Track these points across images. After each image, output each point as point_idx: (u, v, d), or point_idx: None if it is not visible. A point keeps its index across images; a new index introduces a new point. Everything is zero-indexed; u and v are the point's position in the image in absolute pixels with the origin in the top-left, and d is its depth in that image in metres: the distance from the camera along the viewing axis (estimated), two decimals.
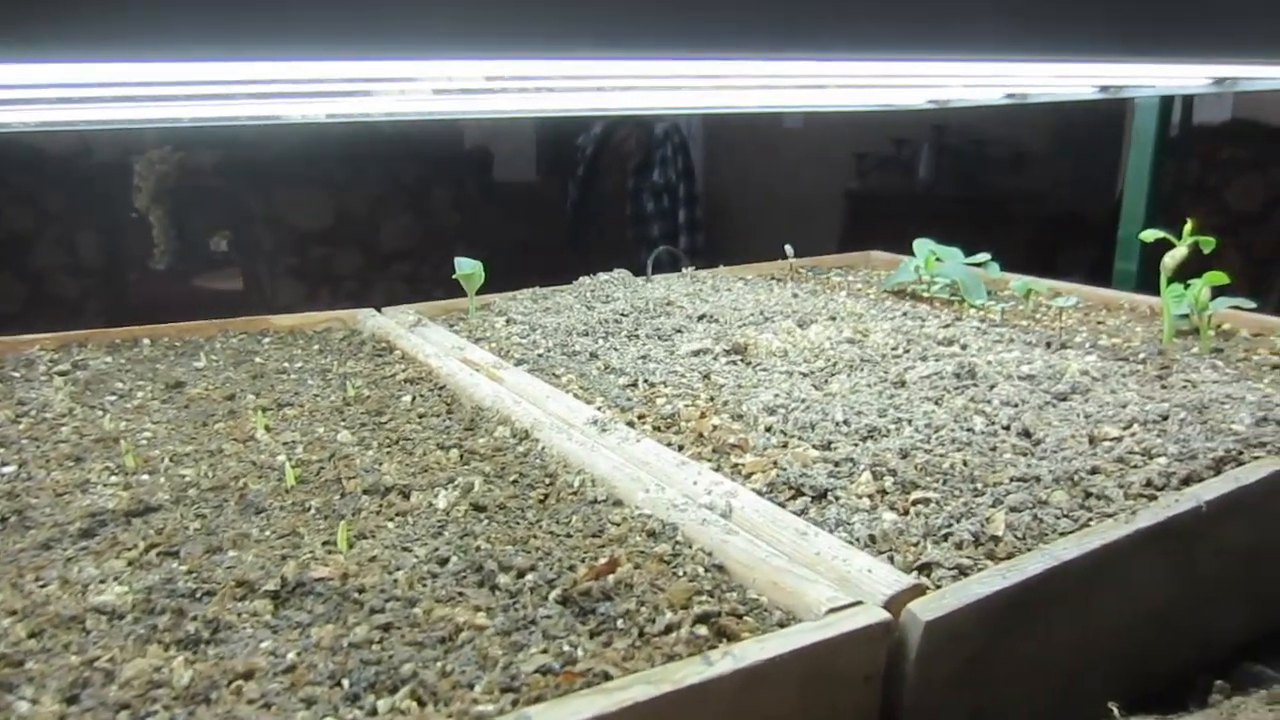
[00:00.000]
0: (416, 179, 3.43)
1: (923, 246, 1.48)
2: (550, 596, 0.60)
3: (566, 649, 0.54)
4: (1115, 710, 0.58)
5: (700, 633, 0.55)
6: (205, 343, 1.25)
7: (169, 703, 0.50)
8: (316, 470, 0.81)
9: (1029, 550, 0.65)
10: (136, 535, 0.68)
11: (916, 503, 0.73)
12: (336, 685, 0.51)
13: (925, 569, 0.64)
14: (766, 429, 0.88)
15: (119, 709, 0.49)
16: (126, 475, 0.80)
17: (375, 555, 0.65)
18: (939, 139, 3.96)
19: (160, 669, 0.52)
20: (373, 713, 0.49)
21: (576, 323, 1.27)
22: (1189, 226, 1.11)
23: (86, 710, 0.49)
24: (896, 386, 0.99)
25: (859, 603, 0.56)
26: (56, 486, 0.77)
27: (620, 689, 0.48)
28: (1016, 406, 0.91)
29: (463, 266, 1.34)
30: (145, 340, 1.24)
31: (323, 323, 1.34)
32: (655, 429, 0.90)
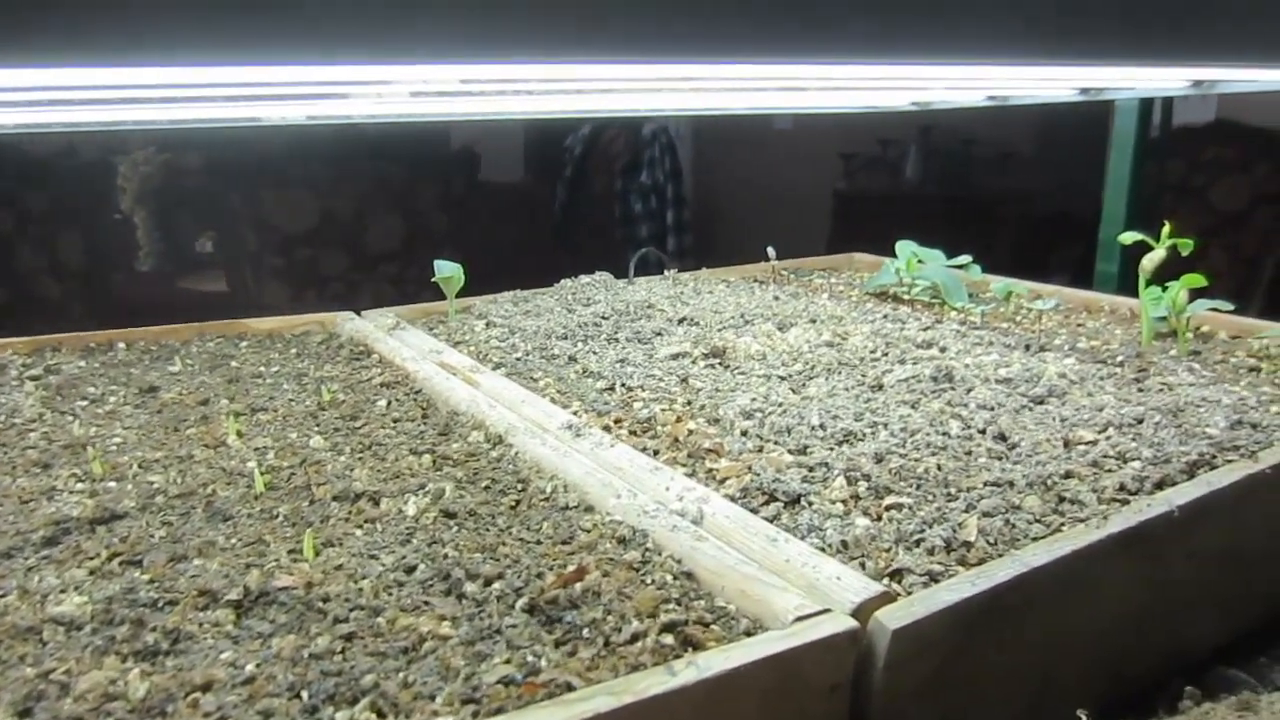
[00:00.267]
0: (403, 180, 3.42)
1: (905, 248, 1.48)
2: (517, 605, 0.59)
3: (530, 659, 0.53)
4: (1084, 717, 0.57)
5: (666, 642, 0.55)
6: (181, 346, 1.23)
7: (124, 716, 0.49)
8: (287, 477, 0.80)
9: (1001, 556, 0.64)
10: (100, 544, 0.67)
11: (890, 508, 0.72)
12: (295, 697, 0.50)
13: (896, 575, 0.63)
14: (742, 433, 0.87)
15: None
16: (93, 482, 0.79)
17: (341, 563, 0.64)
18: (927, 140, 3.97)
19: (116, 681, 0.51)
20: None
21: (556, 326, 1.26)
22: (1167, 229, 1.11)
23: None
24: (874, 390, 0.98)
25: (826, 611, 0.56)
26: (21, 494, 0.76)
27: (582, 700, 0.48)
28: (993, 410, 0.91)
29: (442, 269, 1.33)
30: (120, 344, 1.23)
31: (301, 326, 1.33)
32: (631, 434, 0.90)
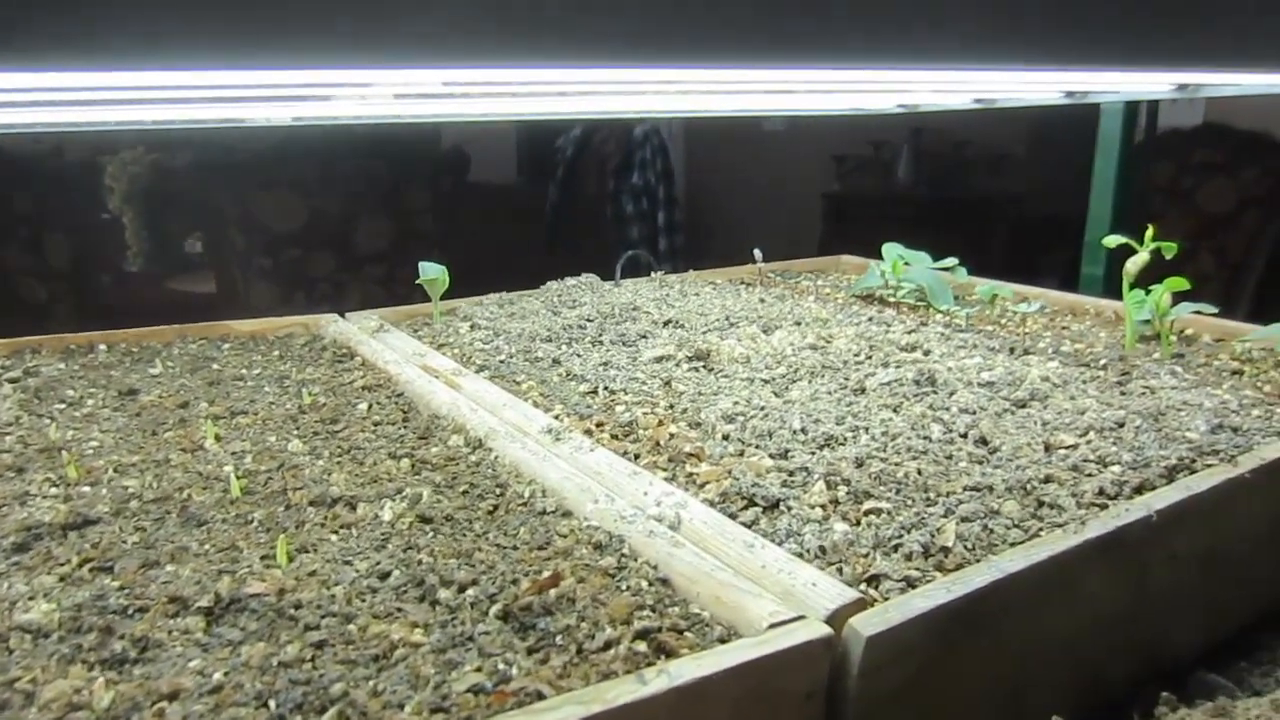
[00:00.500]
0: (392, 181, 3.41)
1: (891, 250, 1.48)
2: (490, 612, 0.59)
3: (501, 667, 0.53)
4: None
5: (639, 649, 0.55)
6: (163, 348, 1.23)
7: None
8: (264, 481, 0.80)
9: (978, 562, 0.64)
10: (71, 550, 0.67)
11: (869, 513, 0.72)
12: (263, 706, 0.50)
13: (874, 581, 0.63)
14: (724, 437, 0.87)
15: None
16: (67, 487, 0.78)
17: (315, 569, 0.64)
18: (918, 142, 3.97)
19: (81, 690, 0.51)
20: None
21: (541, 328, 1.26)
22: (1150, 232, 1.11)
23: None
24: (856, 394, 0.98)
25: (801, 618, 0.56)
26: None
27: (550, 709, 0.47)
28: (974, 414, 0.91)
29: (427, 271, 1.33)
30: (101, 346, 1.22)
31: (285, 328, 1.32)
32: (613, 437, 0.89)
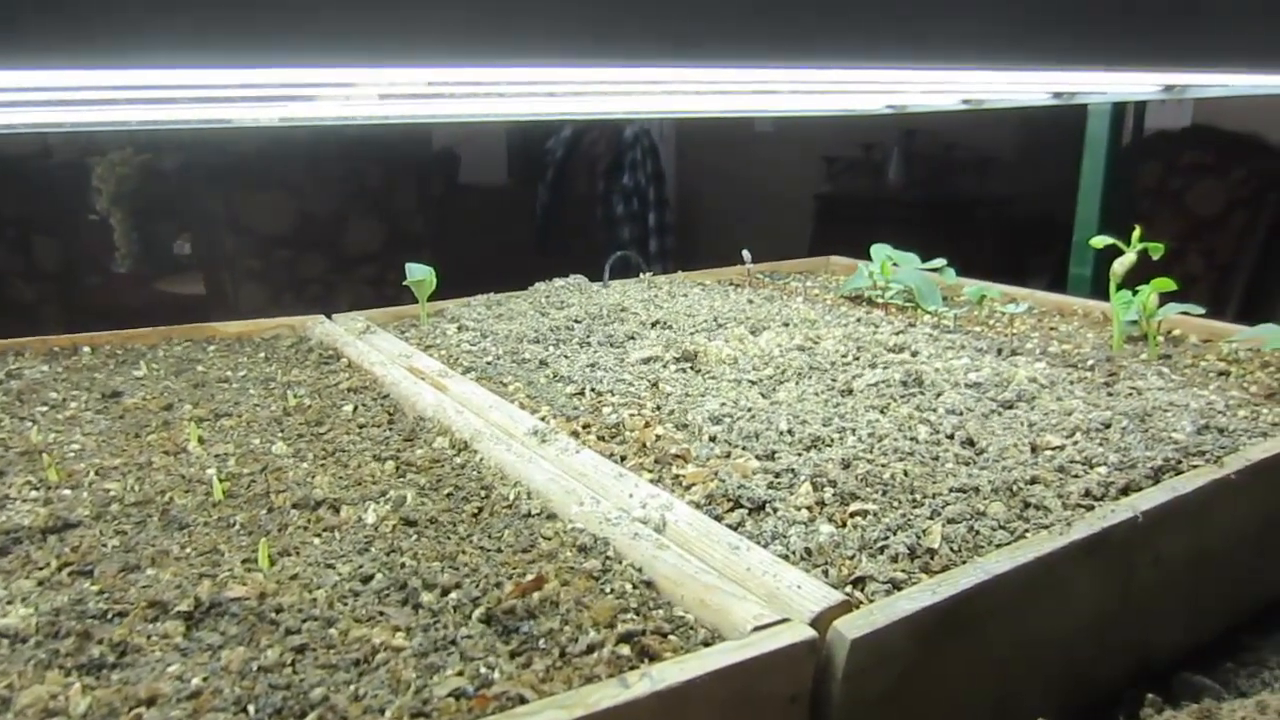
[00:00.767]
0: (382, 182, 3.40)
1: (880, 251, 1.48)
2: (473, 615, 0.58)
3: (484, 671, 0.52)
4: None
5: (623, 653, 0.54)
6: (147, 351, 1.22)
7: None
8: (247, 484, 0.79)
9: (964, 563, 0.64)
10: (50, 554, 0.66)
11: (855, 514, 0.72)
12: (241, 711, 0.49)
13: (859, 583, 0.63)
14: (710, 439, 0.87)
15: None
16: (48, 490, 0.77)
17: (297, 573, 0.63)
18: (909, 144, 3.98)
19: (57, 696, 0.50)
20: None
21: (528, 330, 1.25)
22: (1137, 233, 1.11)
23: None
24: (843, 395, 0.98)
25: (785, 620, 0.55)
26: None
27: (531, 714, 0.47)
28: (961, 415, 0.91)
29: (414, 272, 1.32)
30: (85, 348, 1.21)
31: (270, 329, 1.32)
32: (599, 439, 0.89)
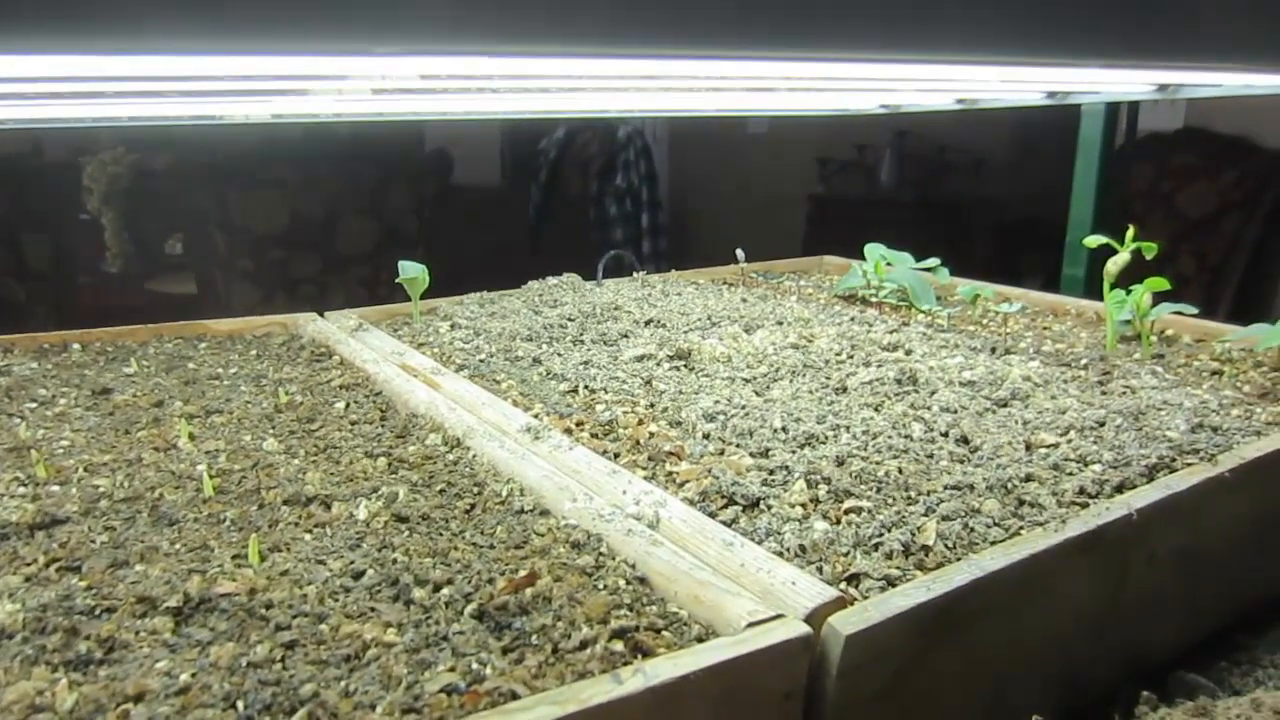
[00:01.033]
0: (375, 182, 3.39)
1: (874, 251, 1.48)
2: (465, 611, 0.58)
3: (475, 667, 0.52)
4: None
5: (616, 649, 0.54)
6: (138, 348, 1.21)
7: None
8: (238, 480, 0.78)
9: (958, 560, 0.64)
10: (38, 549, 0.65)
11: (849, 511, 0.71)
12: (230, 708, 0.49)
13: (853, 580, 0.63)
14: (704, 436, 0.86)
15: None
16: (36, 486, 0.77)
17: (287, 569, 0.63)
18: (902, 145, 3.99)
19: (44, 692, 0.49)
20: None
21: (521, 328, 1.25)
22: (1130, 233, 1.12)
23: None
24: (838, 393, 0.98)
25: (779, 616, 0.55)
26: None
27: (524, 710, 0.46)
28: (955, 413, 0.90)
29: (406, 270, 1.32)
30: (75, 345, 1.20)
31: (262, 327, 1.31)
32: (593, 436, 0.89)
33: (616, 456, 0.83)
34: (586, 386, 1.01)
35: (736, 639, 0.53)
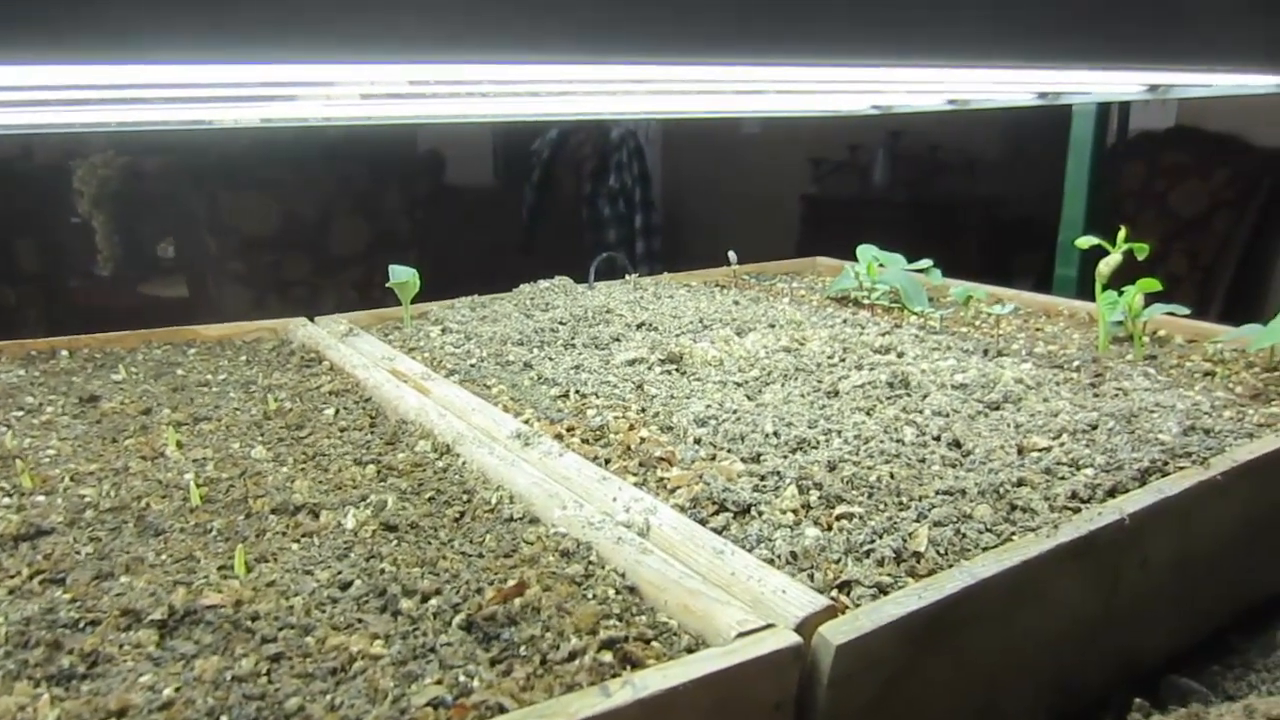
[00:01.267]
0: (367, 184, 3.38)
1: (866, 252, 1.48)
2: (453, 622, 0.57)
3: (463, 679, 0.51)
4: None
5: (605, 660, 0.53)
6: (126, 354, 1.20)
7: None
8: (225, 489, 0.78)
9: (950, 567, 0.63)
10: (21, 561, 0.65)
11: (840, 518, 0.71)
12: None
13: (845, 587, 0.62)
14: (695, 441, 0.86)
15: None
16: (21, 496, 0.76)
17: (274, 580, 0.62)
18: (895, 145, 3.99)
19: (26, 707, 0.49)
20: None
21: (513, 331, 1.24)
22: (1122, 233, 1.11)
23: None
24: (829, 396, 0.97)
25: (770, 626, 0.55)
26: None
27: None
28: (947, 416, 0.90)
29: (396, 274, 1.31)
30: (63, 352, 1.20)
31: (252, 332, 1.30)
32: (583, 441, 0.88)
33: (607, 463, 0.83)
34: (578, 391, 1.00)
35: (726, 649, 0.52)
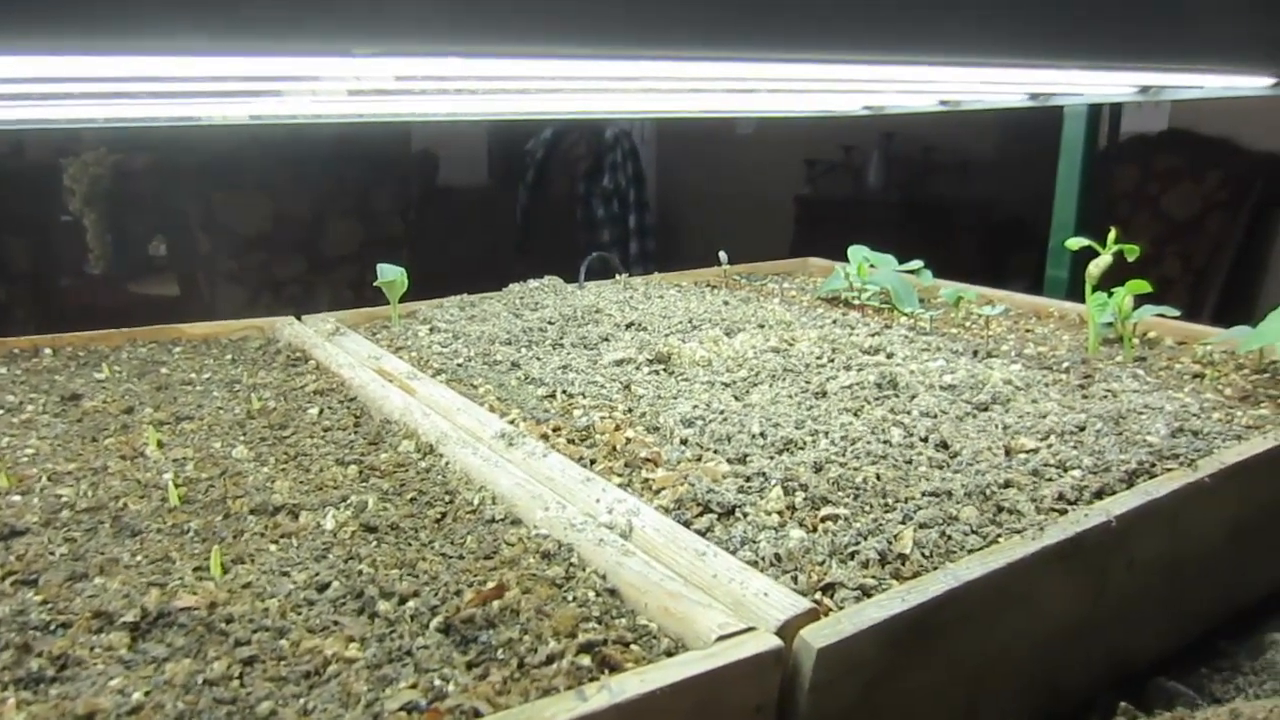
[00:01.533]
0: (361, 183, 3.37)
1: (857, 253, 1.47)
2: (431, 624, 0.57)
3: (438, 683, 0.51)
4: None
5: (583, 663, 0.53)
6: (110, 353, 1.19)
7: None
8: (204, 489, 0.77)
9: (935, 569, 0.63)
10: None
11: (826, 519, 0.70)
12: None
13: (829, 590, 0.61)
14: (682, 442, 0.85)
15: None
16: None
17: (250, 581, 0.61)
18: (889, 146, 3.99)
19: None
20: None
21: (501, 331, 1.24)
22: (1112, 234, 1.11)
23: None
24: (817, 397, 0.97)
25: (750, 629, 0.54)
26: None
27: None
28: (935, 417, 0.90)
29: (384, 273, 1.30)
30: (47, 350, 1.19)
31: (239, 331, 1.29)
32: (569, 442, 0.87)
33: (592, 463, 0.82)
34: (564, 391, 1.00)
35: (706, 653, 0.52)
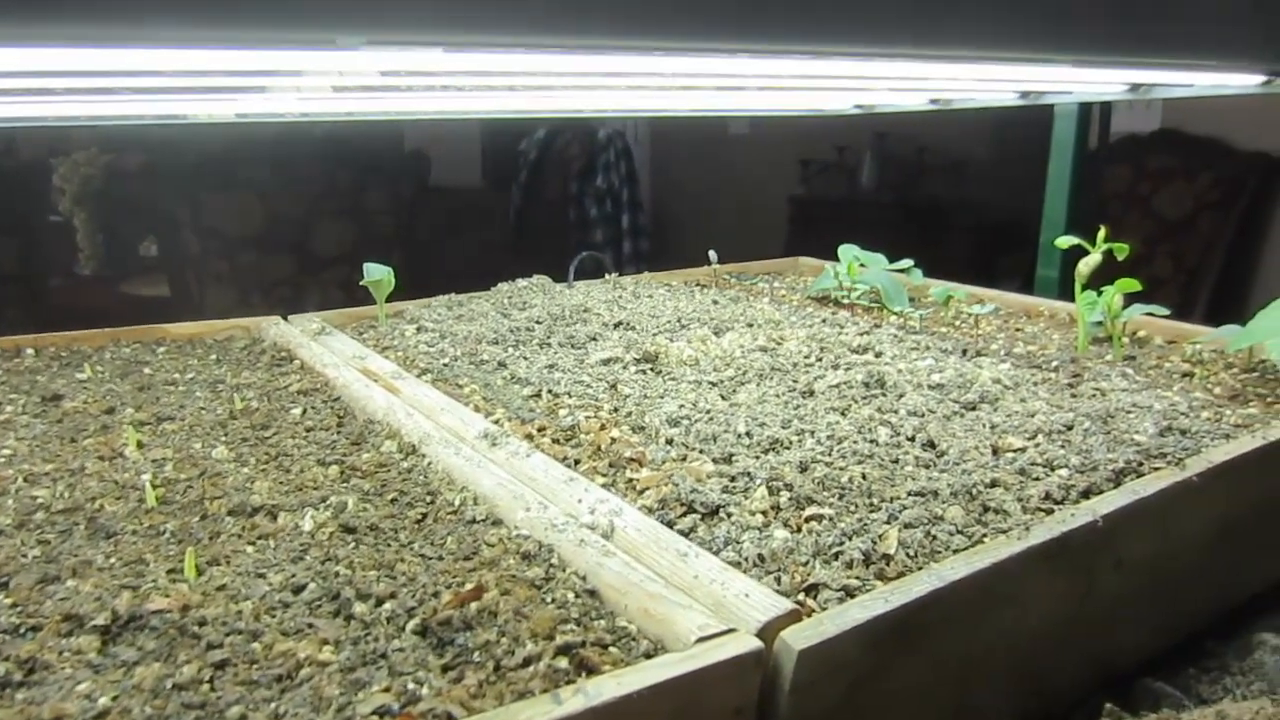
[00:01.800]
0: (353, 183, 3.36)
1: (847, 252, 1.47)
2: (407, 627, 0.56)
3: (412, 687, 0.50)
4: None
5: (560, 666, 0.52)
6: (94, 353, 1.18)
7: None
8: (182, 490, 0.76)
9: (920, 569, 0.62)
10: None
11: (810, 519, 0.70)
12: None
13: (812, 590, 0.61)
14: (667, 441, 0.85)
15: None
16: None
17: (225, 583, 0.61)
18: (882, 147, 3.99)
19: None
20: None
21: (488, 331, 1.23)
22: (1102, 233, 1.10)
23: None
24: (804, 396, 0.96)
25: (731, 631, 0.53)
26: None
27: None
28: (923, 417, 0.89)
29: (371, 272, 1.29)
30: (29, 350, 1.18)
31: (224, 331, 1.28)
32: (554, 442, 0.87)
33: (576, 463, 0.81)
34: (550, 391, 0.99)
35: (685, 655, 0.51)
